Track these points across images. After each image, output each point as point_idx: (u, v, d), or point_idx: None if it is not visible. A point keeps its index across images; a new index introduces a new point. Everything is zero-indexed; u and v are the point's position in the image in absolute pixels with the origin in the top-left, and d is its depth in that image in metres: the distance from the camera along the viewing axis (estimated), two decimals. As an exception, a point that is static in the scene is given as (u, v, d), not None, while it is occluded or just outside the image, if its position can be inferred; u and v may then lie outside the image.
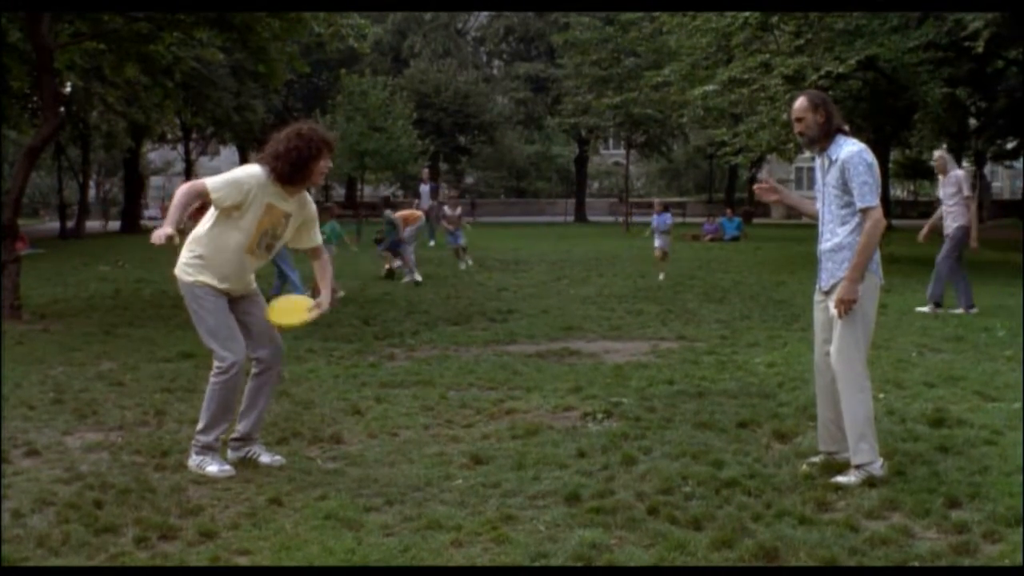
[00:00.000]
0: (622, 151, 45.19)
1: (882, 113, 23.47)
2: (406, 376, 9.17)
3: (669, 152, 52.88)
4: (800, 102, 5.94)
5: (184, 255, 6.24)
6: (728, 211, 36.64)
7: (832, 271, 5.86)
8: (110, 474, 6.02)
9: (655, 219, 19.45)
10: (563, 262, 22.71)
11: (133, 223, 42.90)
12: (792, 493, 5.50)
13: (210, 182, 6.03)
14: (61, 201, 40.53)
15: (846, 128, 5.94)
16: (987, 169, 57.01)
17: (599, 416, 7.55)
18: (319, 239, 6.51)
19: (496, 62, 58.73)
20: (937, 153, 14.31)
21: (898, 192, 69.77)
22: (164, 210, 65.88)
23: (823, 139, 5.87)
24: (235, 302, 6.26)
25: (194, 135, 50.17)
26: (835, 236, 5.85)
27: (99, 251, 28.81)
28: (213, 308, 6.11)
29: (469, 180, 68.51)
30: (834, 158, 5.81)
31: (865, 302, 5.75)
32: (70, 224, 39.28)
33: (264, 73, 15.47)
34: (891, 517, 5.17)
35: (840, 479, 5.71)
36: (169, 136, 51.78)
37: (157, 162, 74.69)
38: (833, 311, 5.76)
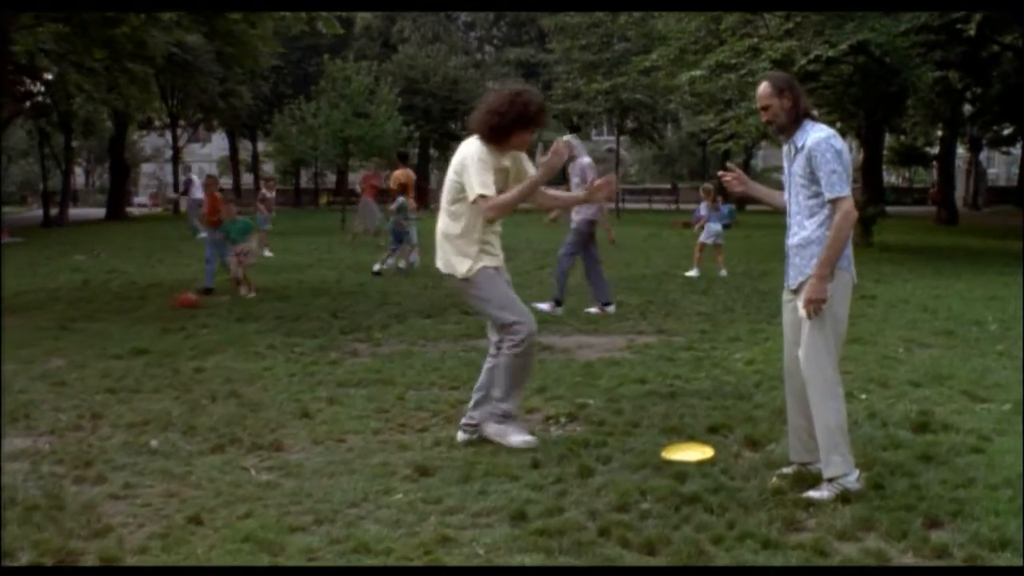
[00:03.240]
0: (615, 137, 44.66)
1: (874, 98, 22.94)
2: (365, 374, 8.71)
3: (660, 139, 52.29)
4: (763, 88, 5.47)
5: (449, 250, 6.37)
6: (720, 198, 36.08)
7: (800, 268, 5.39)
8: (23, 488, 5.56)
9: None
10: (550, 251, 22.14)
11: (118, 210, 42.39)
12: (759, 510, 5.03)
13: (479, 188, 6.16)
14: (44, 189, 40.02)
15: (814, 113, 5.48)
16: (983, 155, 56.64)
17: (562, 419, 7.11)
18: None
19: (487, 47, 58.12)
20: (565, 138, 13.38)
21: (893, 179, 69.36)
22: (154, 198, 65.48)
23: (791, 125, 5.41)
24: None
25: (181, 122, 49.63)
26: (803, 230, 5.39)
27: (80, 240, 28.37)
28: (500, 286, 6.34)
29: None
30: (800, 145, 5.34)
31: (836, 301, 5.28)
32: (54, 212, 38.78)
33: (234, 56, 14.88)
34: (865, 538, 4.72)
35: (812, 494, 5.26)
36: (157, 123, 51.29)
37: (148, 149, 74.19)
38: (802, 312, 5.29)
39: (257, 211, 21.99)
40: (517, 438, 6.26)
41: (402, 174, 18.46)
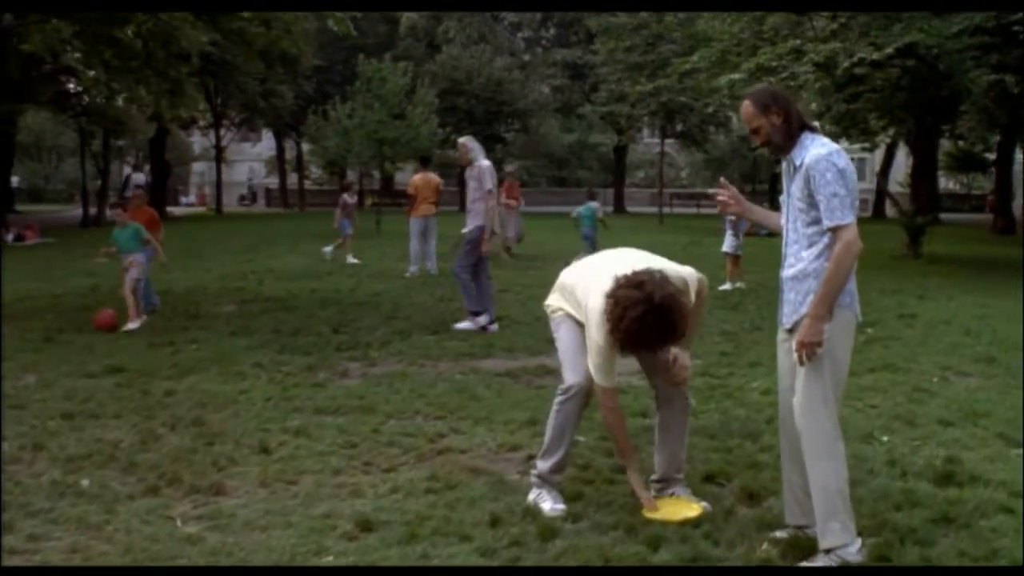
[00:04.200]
0: (660, 140, 43.80)
1: (923, 103, 21.92)
2: (347, 400, 8.06)
3: (705, 142, 51.27)
4: (745, 108, 4.73)
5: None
6: (765, 205, 35.19)
7: (795, 304, 4.65)
8: (-85, 539, 4.95)
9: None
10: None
11: (158, 210, 42.10)
12: (738, 590, 4.31)
13: (599, 379, 5.37)
14: (84, 188, 39.86)
15: (814, 125, 4.74)
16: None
17: (546, 460, 6.39)
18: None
19: (536, 48, 57.34)
20: (460, 140, 12.34)
21: (950, 185, 67.79)
22: (200, 197, 65.55)
23: (787, 142, 4.67)
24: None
25: (225, 121, 49.41)
26: (799, 261, 4.64)
27: (103, 240, 27.98)
28: (573, 335, 5.61)
29: (508, 168, 67.29)
30: (798, 163, 4.61)
31: (835, 344, 4.53)
32: (95, 211, 38.61)
33: (245, 54, 14.30)
34: (860, 631, 3.98)
35: (806, 565, 4.52)
36: (201, 122, 51.17)
37: (198, 148, 74.28)
38: (796, 356, 4.55)
39: (342, 216, 21.32)
40: (548, 505, 5.43)
41: (419, 179, 17.80)
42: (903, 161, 48.28)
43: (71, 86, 31.18)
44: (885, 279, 17.08)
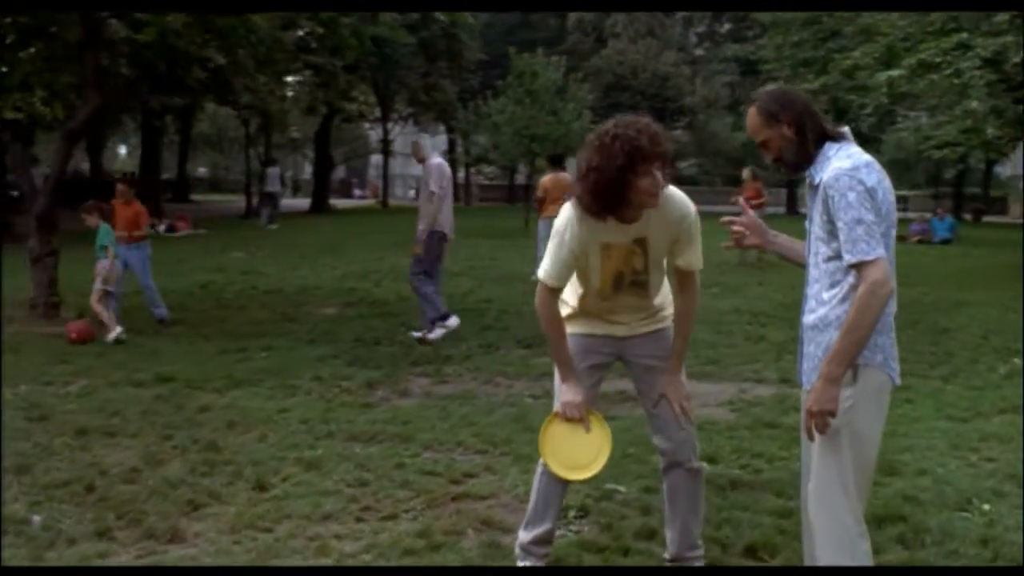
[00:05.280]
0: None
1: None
2: (388, 426, 7.32)
3: (878, 142, 48.68)
4: (750, 117, 3.75)
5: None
6: (939, 210, 33.07)
7: (815, 361, 3.64)
8: None
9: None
10: (737, 266, 20.11)
11: (322, 203, 42.52)
12: None
13: (542, 271, 4.33)
14: (247, 181, 40.43)
15: (842, 130, 3.71)
16: None
17: (571, 515, 5.51)
18: (700, 262, 4.47)
19: (706, 43, 55.74)
20: (413, 138, 11.27)
21: None
22: (373, 189, 66.26)
23: (803, 157, 3.67)
24: (635, 364, 4.60)
25: (393, 115, 49.59)
26: (820, 305, 3.64)
27: (260, 235, 28.10)
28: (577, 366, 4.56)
29: (683, 166, 65.75)
30: (816, 181, 3.61)
31: (858, 415, 3.53)
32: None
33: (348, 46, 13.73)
34: None
35: None
36: (370, 116, 51.54)
37: (374, 142, 75.18)
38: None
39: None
40: None
41: (549, 180, 16.92)
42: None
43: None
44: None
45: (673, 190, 4.25)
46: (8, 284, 12.65)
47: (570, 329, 4.51)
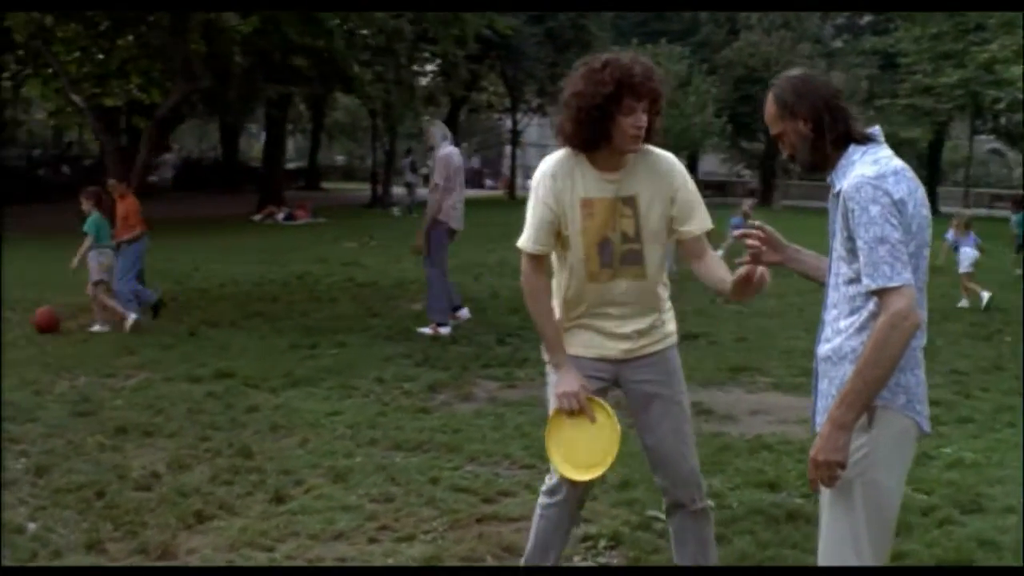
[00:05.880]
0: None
1: None
2: (438, 434, 6.95)
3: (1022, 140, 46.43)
4: (768, 106, 3.23)
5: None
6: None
7: (829, 399, 3.09)
8: None
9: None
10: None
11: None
12: None
13: (522, 239, 3.90)
14: (373, 170, 40.59)
15: (871, 132, 3.14)
16: None
17: (600, 545, 5.05)
18: (707, 222, 3.96)
19: (844, 35, 53.84)
20: (424, 125, 10.60)
21: None
22: (505, 181, 66.33)
23: (820, 158, 3.14)
24: (632, 389, 4.03)
25: (522, 105, 49.24)
26: (836, 335, 3.10)
27: (379, 223, 28.02)
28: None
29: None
30: (837, 190, 3.07)
31: (875, 464, 2.98)
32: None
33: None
34: None
35: None
36: (498, 107, 51.37)
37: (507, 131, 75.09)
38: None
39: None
40: None
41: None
42: None
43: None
44: None
45: (656, 148, 3.84)
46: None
47: (577, 348, 3.98)
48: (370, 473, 6.04)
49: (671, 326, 4.05)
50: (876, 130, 3.14)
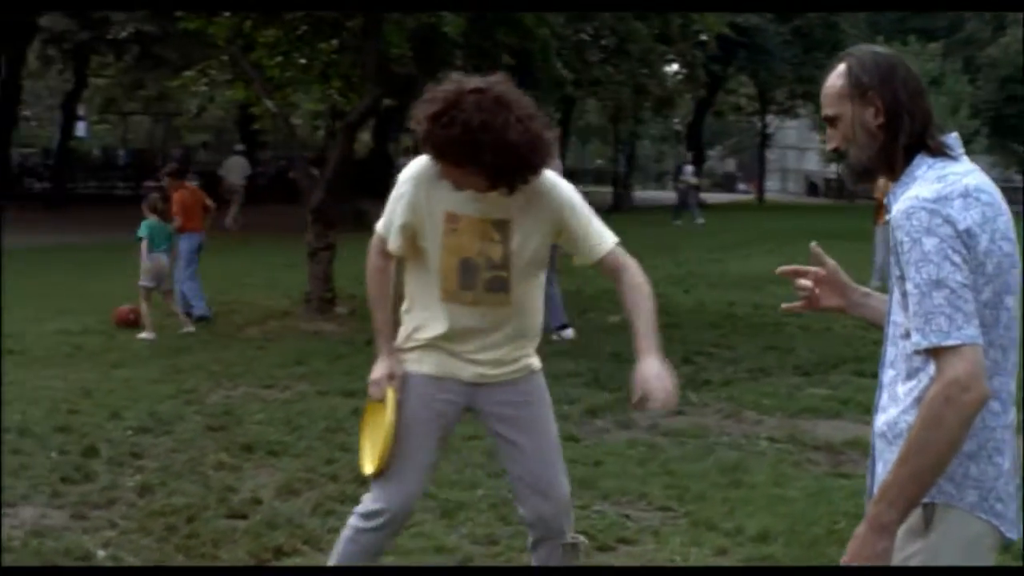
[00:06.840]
0: None
1: None
2: (574, 467, 6.03)
3: None
4: (831, 81, 2.49)
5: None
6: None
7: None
8: None
9: None
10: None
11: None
12: None
13: (380, 224, 3.65)
14: (615, 173, 40.27)
15: (946, 141, 2.42)
16: None
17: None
18: (606, 243, 3.62)
19: None
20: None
21: None
22: (755, 184, 64.87)
23: (877, 164, 2.45)
24: (489, 414, 3.68)
25: (772, 106, 47.88)
26: (893, 403, 2.39)
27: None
28: (407, 413, 3.54)
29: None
30: (889, 215, 2.37)
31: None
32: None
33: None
34: None
35: None
36: (748, 109, 50.25)
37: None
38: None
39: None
40: None
41: (885, 183, 15.11)
42: None
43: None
44: None
45: (549, 174, 3.44)
46: (287, 278, 12.67)
47: (416, 366, 3.58)
48: (483, 510, 5.59)
49: (534, 360, 3.70)
50: (953, 138, 2.42)
